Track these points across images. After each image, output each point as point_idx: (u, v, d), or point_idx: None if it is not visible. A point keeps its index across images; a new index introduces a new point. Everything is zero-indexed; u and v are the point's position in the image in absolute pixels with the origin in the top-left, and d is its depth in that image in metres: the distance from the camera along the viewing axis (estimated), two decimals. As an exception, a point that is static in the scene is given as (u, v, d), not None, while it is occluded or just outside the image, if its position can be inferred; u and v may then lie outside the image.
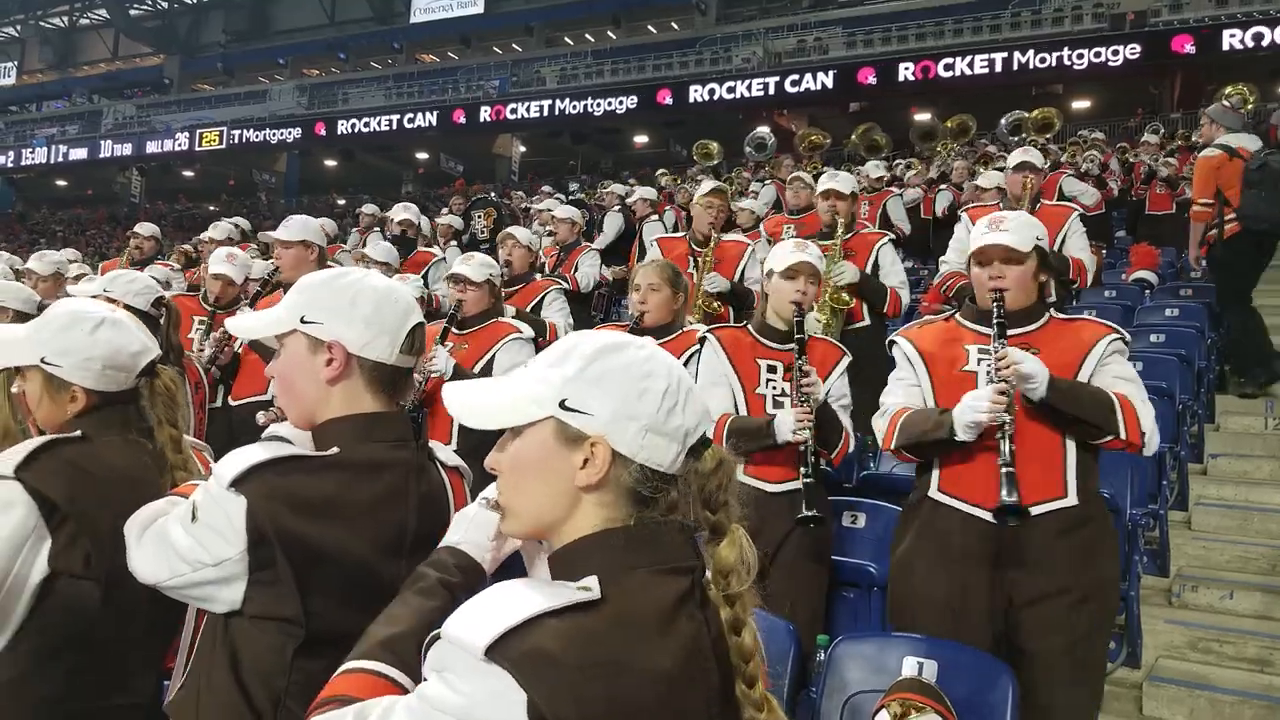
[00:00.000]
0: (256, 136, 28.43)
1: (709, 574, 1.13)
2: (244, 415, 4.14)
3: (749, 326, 3.21)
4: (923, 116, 17.01)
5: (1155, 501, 4.09)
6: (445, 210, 10.85)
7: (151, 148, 30.20)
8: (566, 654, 0.96)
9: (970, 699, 2.18)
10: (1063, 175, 7.34)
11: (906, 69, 20.33)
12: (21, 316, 3.75)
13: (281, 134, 28.14)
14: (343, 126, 27.26)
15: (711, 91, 22.42)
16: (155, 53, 36.90)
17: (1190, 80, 19.11)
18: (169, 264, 7.43)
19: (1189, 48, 18.24)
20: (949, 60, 19.96)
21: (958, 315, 2.76)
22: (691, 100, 22.62)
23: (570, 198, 12.38)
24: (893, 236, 5.00)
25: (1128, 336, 2.59)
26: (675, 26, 28.85)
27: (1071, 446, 2.50)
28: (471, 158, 28.21)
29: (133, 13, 36.51)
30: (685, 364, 2.82)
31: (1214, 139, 5.85)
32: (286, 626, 1.35)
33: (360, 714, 1.07)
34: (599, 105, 23.94)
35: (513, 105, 25.21)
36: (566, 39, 30.71)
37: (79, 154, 31.39)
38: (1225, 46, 17.81)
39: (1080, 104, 21.04)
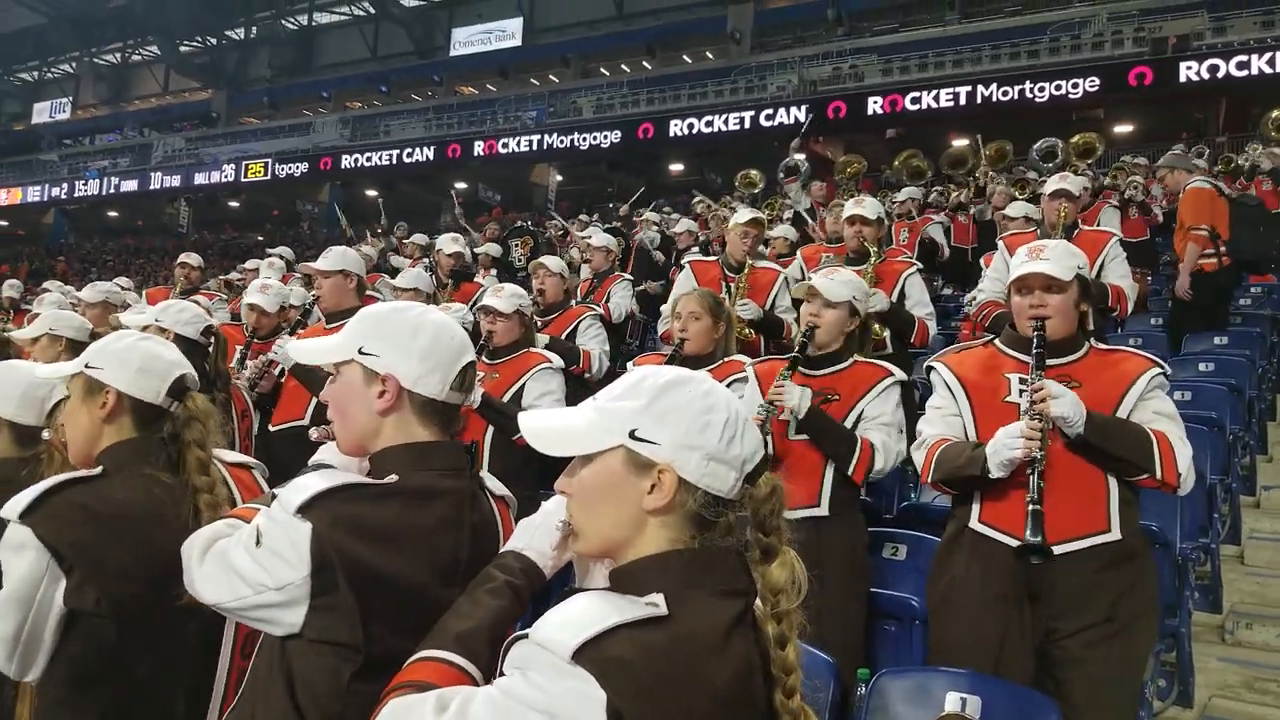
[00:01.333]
0: (300, 168, 29.02)
1: (759, 595, 1.22)
2: (282, 441, 4.19)
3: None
4: (961, 142, 16.91)
5: (1206, 535, 3.98)
6: (481, 238, 11.01)
7: (199, 179, 30.90)
8: (641, 662, 1.06)
9: (1015, 736, 2.14)
10: (1105, 204, 7.27)
11: (941, 95, 20.25)
12: (75, 345, 3.84)
13: (324, 164, 28.72)
14: (383, 157, 27.70)
15: (746, 119, 22.46)
16: (204, 87, 37.89)
17: (1236, 103, 18.80)
18: (215, 293, 7.57)
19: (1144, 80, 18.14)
20: (982, 86, 19.84)
21: (997, 341, 2.72)
22: (726, 128, 22.69)
23: (607, 225, 12.49)
24: (920, 266, 4.92)
25: (1169, 370, 2.53)
26: (710, 56, 29.05)
27: (1114, 480, 2.46)
28: (509, 186, 28.51)
29: (183, 49, 37.54)
30: None
31: (1182, 183, 6.30)
32: (344, 651, 1.37)
33: (440, 700, 1.16)
34: (634, 134, 24.10)
35: (542, 136, 25.52)
36: (602, 70, 31.05)
37: (130, 185, 32.20)
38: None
39: (1122, 128, 20.76)
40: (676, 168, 27.24)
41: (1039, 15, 23.10)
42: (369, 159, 28.00)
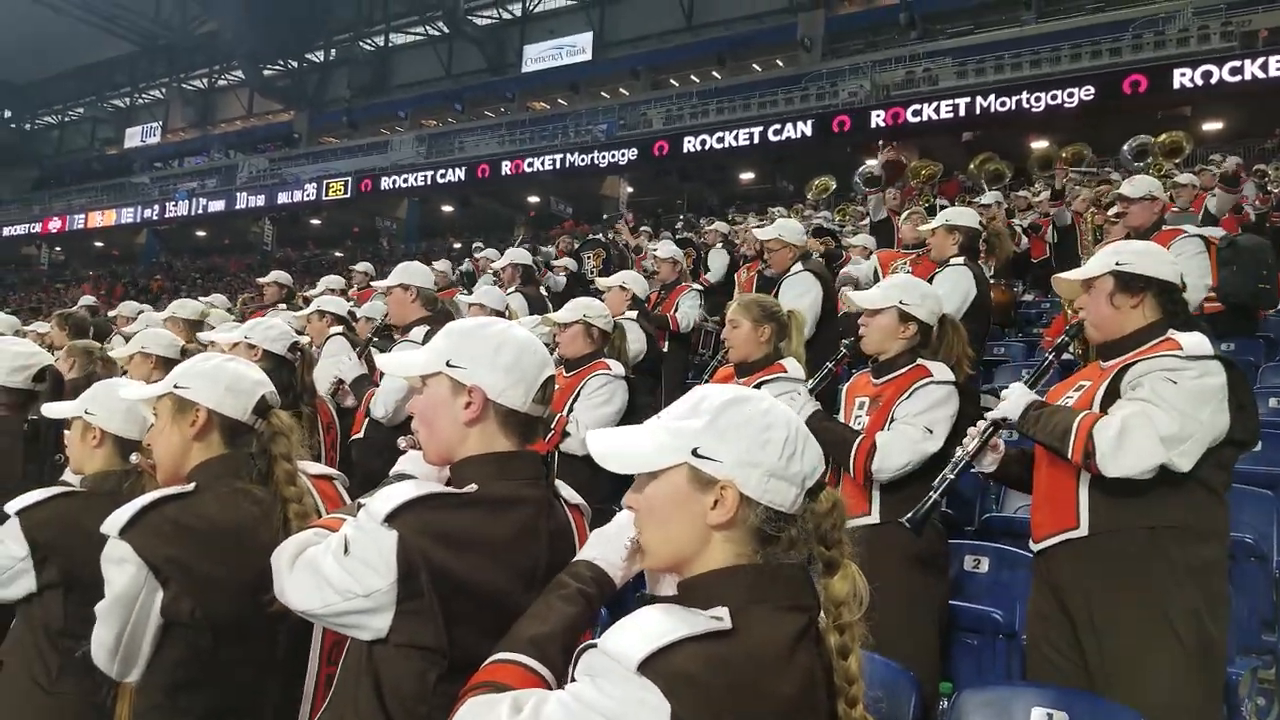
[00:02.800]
0: (379, 184, 29.71)
1: (822, 607, 1.24)
2: (362, 448, 4.30)
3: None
4: (1040, 144, 16.50)
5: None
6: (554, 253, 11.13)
7: (282, 198, 31.76)
8: (705, 675, 1.10)
9: (1106, 754, 2.08)
10: (1206, 198, 7.16)
11: (1020, 97, 19.75)
12: (165, 362, 3.98)
13: (401, 180, 29.37)
14: (458, 173, 28.24)
15: (817, 125, 22.24)
16: (286, 109, 39.19)
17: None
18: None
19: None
20: (1062, 88, 19.27)
21: None
22: (797, 135, 22.51)
23: (678, 236, 12.49)
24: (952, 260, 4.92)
25: (1185, 350, 2.37)
26: (780, 64, 28.92)
27: (1085, 478, 2.45)
28: (580, 199, 28.79)
29: (265, 73, 38.94)
30: None
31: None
32: (430, 655, 1.42)
33: (516, 701, 1.20)
34: (706, 143, 24.01)
35: (622, 148, 25.67)
36: (672, 80, 31.14)
37: (217, 206, 33.27)
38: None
39: (1211, 125, 19.94)
40: (747, 176, 27.17)
41: (1120, 12, 22.35)
42: (404, 180, 28.90)
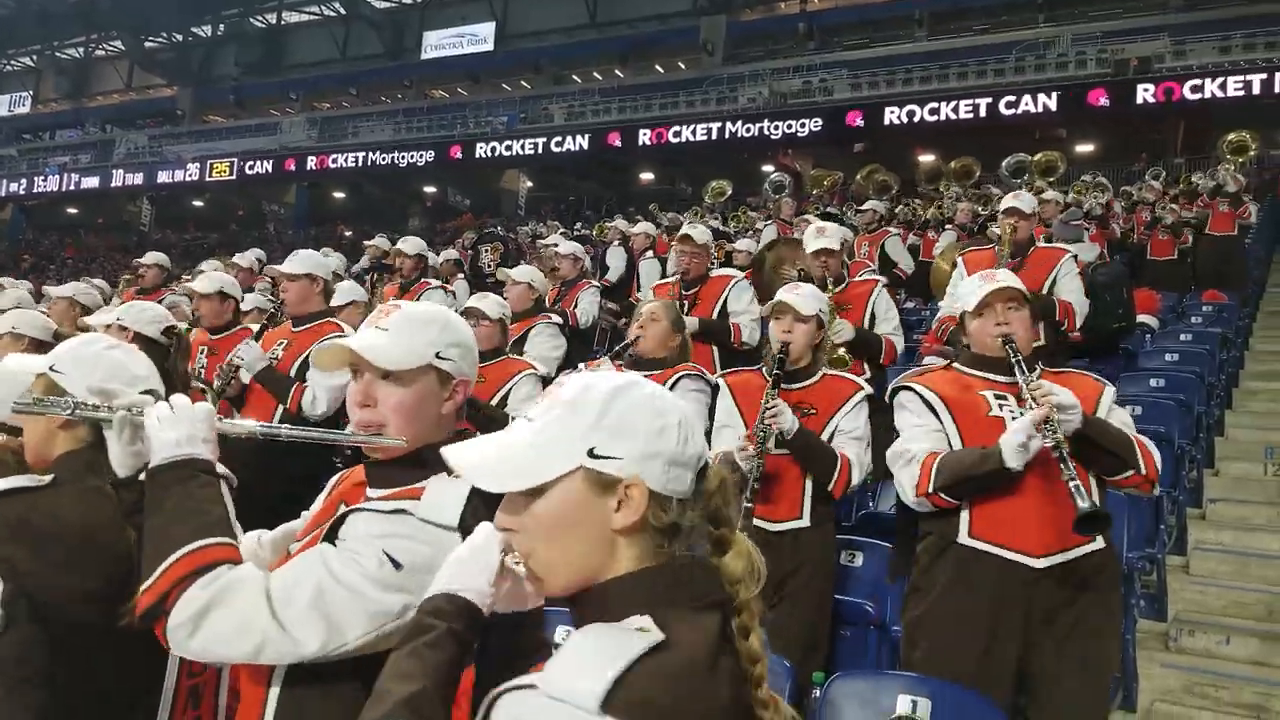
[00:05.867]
0: (266, 168, 28.67)
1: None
2: (244, 444, 4.14)
3: (762, 369, 3.27)
4: (927, 158, 17.16)
5: (1153, 545, 4.10)
6: (452, 245, 11.02)
7: (162, 177, 30.35)
8: (660, 697, 0.99)
9: (963, 738, 2.21)
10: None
11: (910, 111, 20.50)
12: (38, 345, 3.79)
13: (291, 164, 28.40)
14: (351, 159, 27.48)
15: (721, 130, 22.57)
16: (168, 84, 37.34)
17: (1194, 125, 19.27)
18: (173, 289, 7.51)
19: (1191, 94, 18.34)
20: (948, 103, 20.11)
21: (957, 364, 2.79)
22: (696, 138, 22.77)
23: (575, 234, 12.52)
24: (886, 282, 4.89)
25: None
26: (682, 66, 29.22)
27: (1095, 488, 2.53)
28: (478, 192, 28.46)
29: (148, 45, 36.98)
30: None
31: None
32: None
33: None
34: (604, 141, 24.05)
35: (522, 140, 25.43)
36: (575, 77, 31.08)
37: (91, 182, 31.55)
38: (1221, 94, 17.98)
39: (1084, 147, 21.17)
40: (646, 176, 27.35)
41: (1005, 34, 23.58)
42: (293, 163, 28.00)
